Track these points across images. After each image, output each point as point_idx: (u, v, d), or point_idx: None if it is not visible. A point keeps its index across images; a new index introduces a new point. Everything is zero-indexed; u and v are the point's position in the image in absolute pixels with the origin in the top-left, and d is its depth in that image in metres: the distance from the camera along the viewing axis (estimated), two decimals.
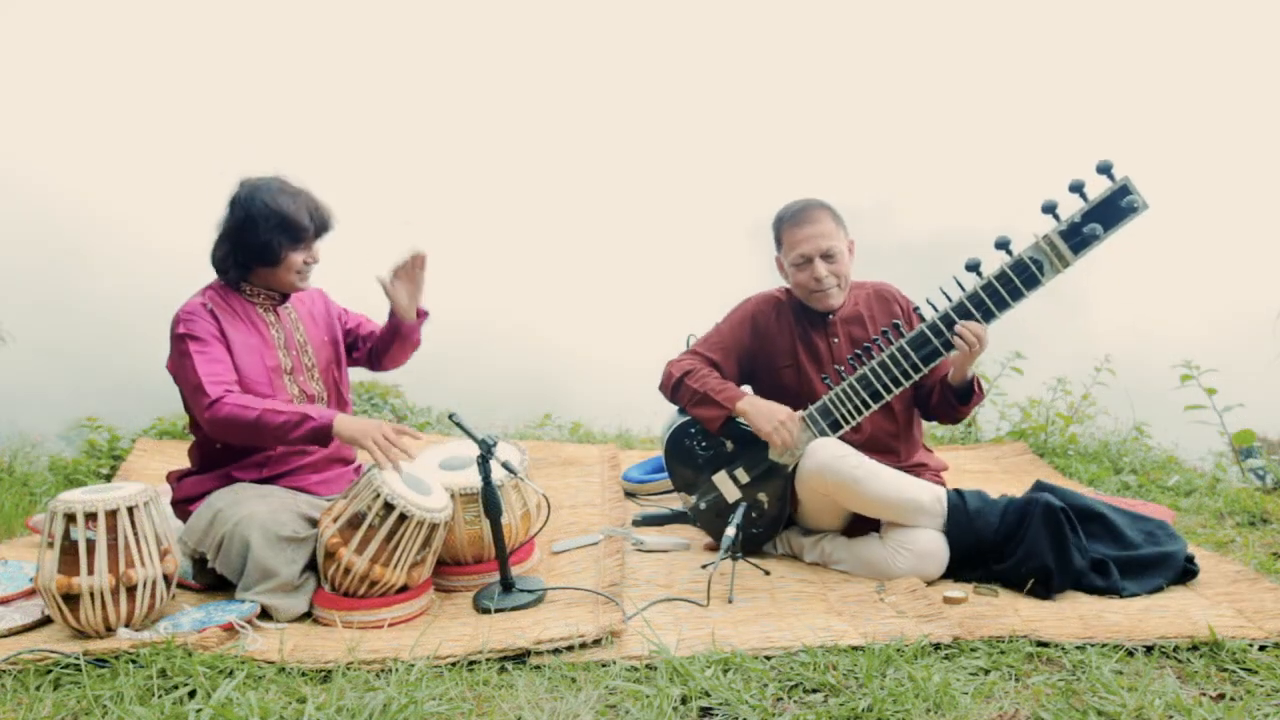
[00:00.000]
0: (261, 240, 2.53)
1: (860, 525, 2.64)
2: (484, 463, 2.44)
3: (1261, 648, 1.96)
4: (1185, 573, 2.43)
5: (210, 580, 2.52)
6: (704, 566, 2.67)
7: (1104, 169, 2.25)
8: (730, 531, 2.49)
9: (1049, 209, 2.33)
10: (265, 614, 2.32)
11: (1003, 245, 2.39)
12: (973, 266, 2.42)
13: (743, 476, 2.75)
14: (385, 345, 2.91)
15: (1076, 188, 2.29)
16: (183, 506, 2.63)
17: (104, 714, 1.74)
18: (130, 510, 2.17)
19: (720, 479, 2.79)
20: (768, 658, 1.95)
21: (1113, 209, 2.28)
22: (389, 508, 2.32)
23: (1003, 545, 2.45)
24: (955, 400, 2.69)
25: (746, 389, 2.81)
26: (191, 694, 1.80)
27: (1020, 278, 2.39)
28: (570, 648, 2.00)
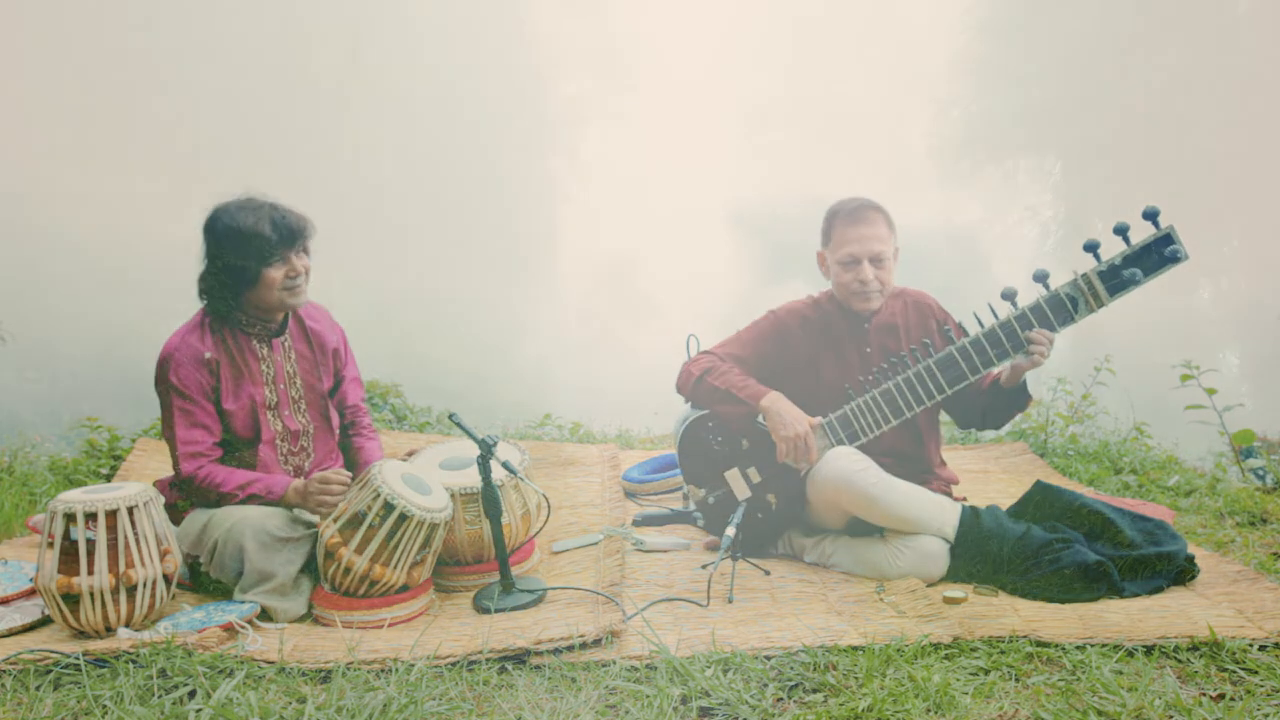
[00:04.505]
0: (235, 264, 2.47)
1: (864, 525, 2.64)
2: (484, 463, 2.44)
3: (1261, 648, 1.96)
4: (1185, 573, 2.43)
5: (206, 582, 2.52)
6: (704, 566, 2.67)
7: (1150, 215, 2.29)
8: (730, 531, 2.49)
9: (1091, 248, 2.37)
10: (265, 614, 2.32)
11: (1041, 279, 2.45)
12: (1008, 296, 2.47)
13: (755, 476, 2.75)
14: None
15: (1121, 231, 2.34)
16: (176, 513, 2.61)
17: (104, 714, 1.74)
18: (130, 510, 2.17)
19: (732, 476, 2.79)
20: (768, 658, 1.95)
21: (1154, 256, 2.34)
22: (389, 507, 2.33)
23: (1014, 564, 2.44)
24: (1012, 403, 2.68)
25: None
26: (191, 694, 1.80)
27: (1055, 313, 2.45)
28: (570, 648, 2.00)
